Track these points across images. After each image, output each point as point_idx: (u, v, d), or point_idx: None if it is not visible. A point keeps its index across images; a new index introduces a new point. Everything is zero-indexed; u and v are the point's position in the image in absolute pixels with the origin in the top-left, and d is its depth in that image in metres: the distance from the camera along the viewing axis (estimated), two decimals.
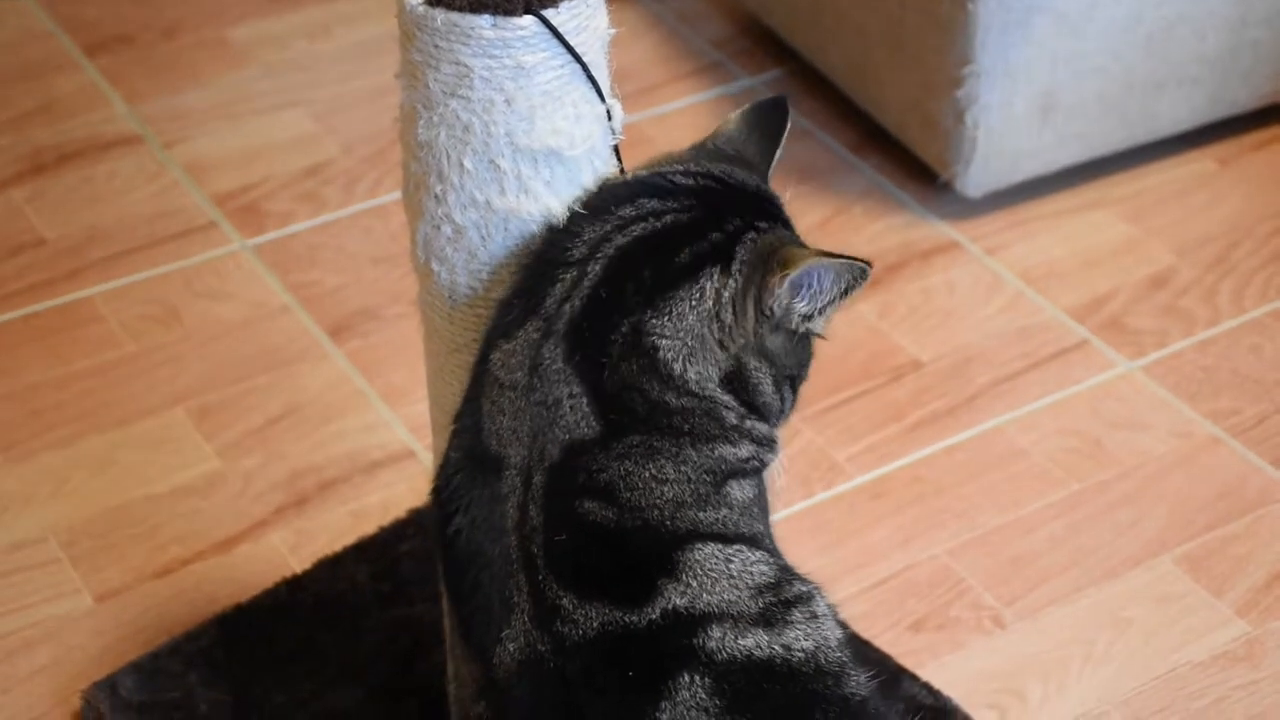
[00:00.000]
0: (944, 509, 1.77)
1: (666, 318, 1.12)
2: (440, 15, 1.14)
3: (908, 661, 1.59)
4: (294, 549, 1.71)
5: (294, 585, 1.65)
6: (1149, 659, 1.63)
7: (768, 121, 1.31)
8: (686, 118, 2.30)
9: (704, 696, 1.05)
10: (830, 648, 1.09)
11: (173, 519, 1.75)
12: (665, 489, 1.11)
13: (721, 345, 1.14)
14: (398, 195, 2.16)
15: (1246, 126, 2.27)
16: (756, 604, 1.09)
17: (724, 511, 1.12)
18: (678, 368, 1.12)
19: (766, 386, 1.16)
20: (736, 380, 1.15)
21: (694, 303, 1.13)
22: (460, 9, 1.14)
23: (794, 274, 1.13)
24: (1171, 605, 1.68)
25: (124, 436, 1.84)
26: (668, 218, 1.16)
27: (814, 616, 1.10)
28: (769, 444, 1.17)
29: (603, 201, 1.17)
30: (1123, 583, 1.70)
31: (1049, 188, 2.17)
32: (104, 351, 1.95)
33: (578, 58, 1.16)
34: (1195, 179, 2.21)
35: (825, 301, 1.16)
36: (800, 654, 1.08)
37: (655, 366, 1.12)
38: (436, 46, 1.15)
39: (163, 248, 2.09)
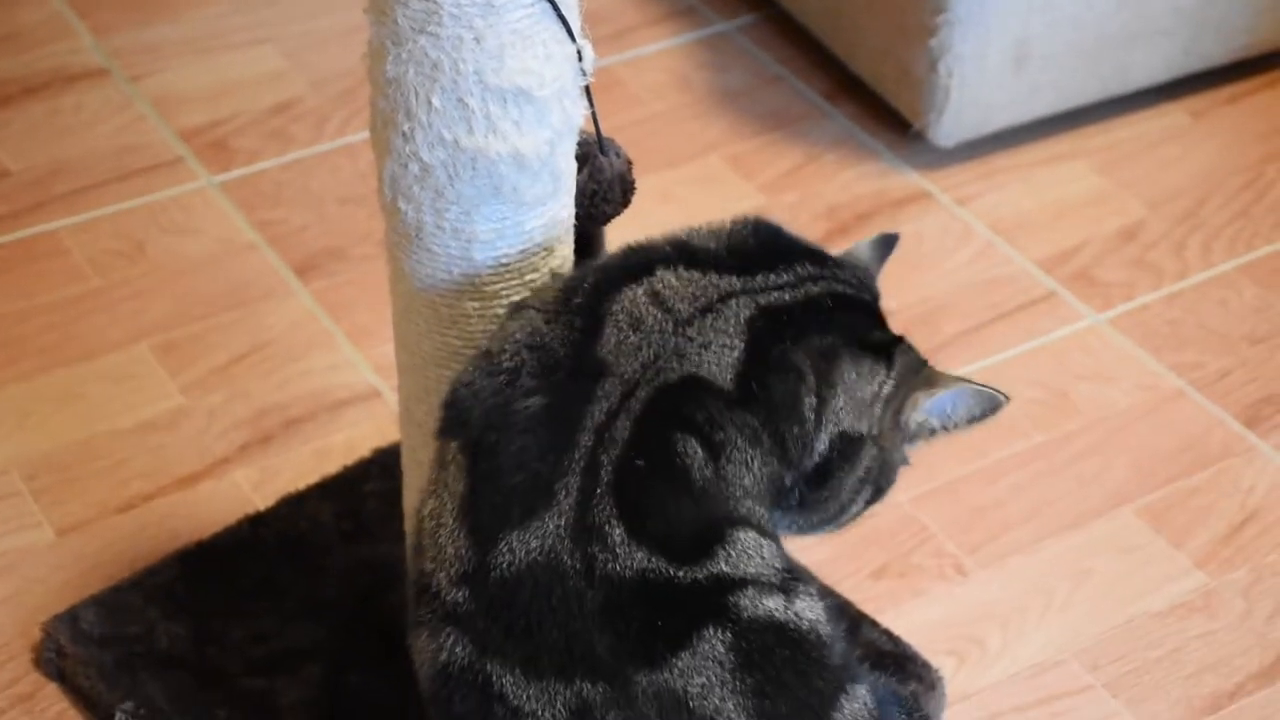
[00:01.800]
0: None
1: (855, 372, 1.17)
2: None
3: (868, 608, 1.60)
4: (257, 486, 1.71)
5: (256, 522, 1.65)
6: (1108, 609, 1.65)
7: (884, 250, 1.33)
8: (659, 61, 2.29)
9: (721, 651, 1.06)
10: (823, 623, 1.11)
11: (136, 454, 1.75)
12: (747, 479, 1.12)
13: (868, 428, 1.19)
14: (367, 135, 2.14)
15: (1219, 80, 2.27)
16: (777, 578, 1.11)
17: (762, 511, 1.14)
18: (832, 411, 1.16)
19: (847, 478, 1.21)
20: (837, 453, 1.19)
21: (870, 380, 1.18)
22: None
23: (939, 395, 1.21)
24: (1131, 556, 1.70)
25: (88, 371, 1.84)
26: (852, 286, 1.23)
27: (813, 595, 1.13)
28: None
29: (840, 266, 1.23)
30: (1084, 533, 1.72)
31: (1021, 138, 2.17)
32: (69, 286, 1.94)
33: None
34: (1167, 132, 2.21)
35: (953, 424, 1.24)
36: (806, 623, 1.10)
37: (826, 396, 1.16)
38: None
39: (129, 182, 2.07)
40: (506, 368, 1.12)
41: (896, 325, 1.32)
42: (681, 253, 1.18)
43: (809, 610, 1.11)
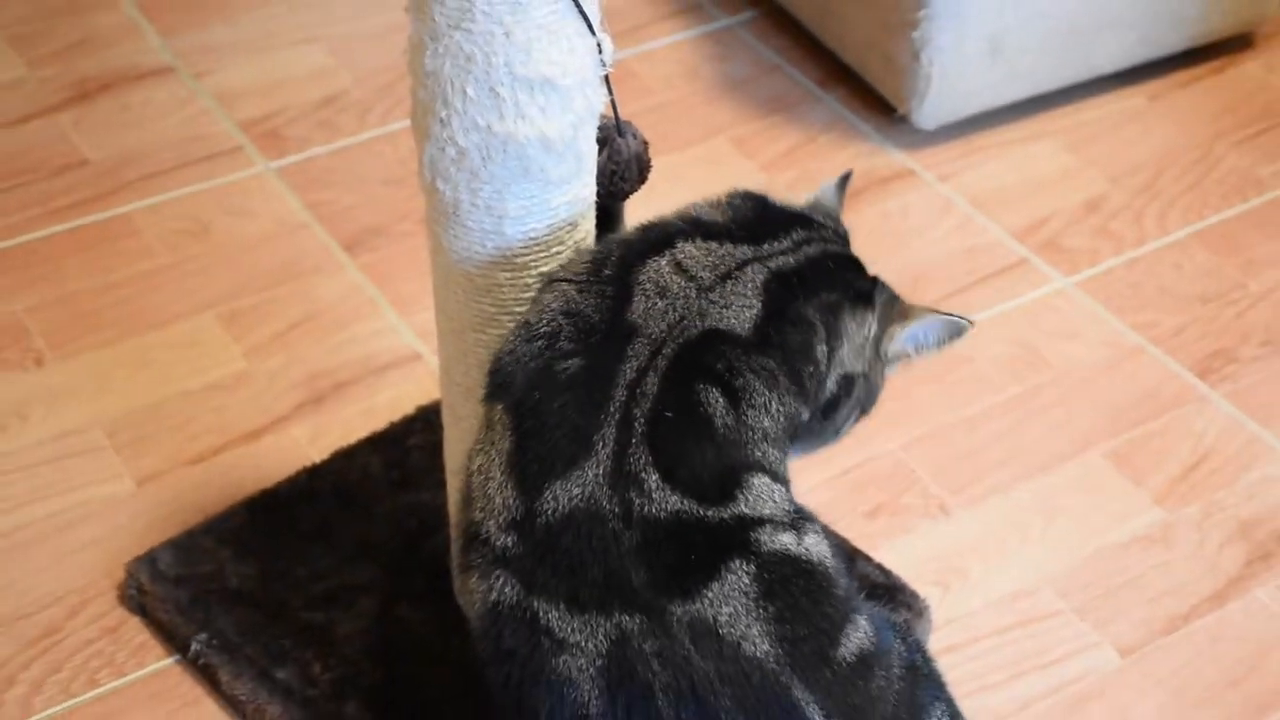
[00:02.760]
0: (898, 409, 1.77)
1: (853, 323, 1.20)
2: None
3: (863, 544, 1.60)
4: (313, 440, 1.71)
5: (313, 473, 1.65)
6: (1076, 542, 1.64)
7: (843, 187, 1.36)
8: (670, 54, 2.28)
9: (746, 582, 1.06)
10: (829, 558, 1.12)
11: (204, 412, 1.75)
12: (766, 421, 1.13)
13: (862, 367, 1.22)
14: (406, 123, 2.15)
15: (1174, 66, 2.26)
16: (788, 517, 1.12)
17: (777, 454, 1.15)
18: (839, 358, 1.19)
19: (845, 408, 1.23)
20: (842, 390, 1.21)
21: (862, 326, 1.21)
22: None
23: (912, 327, 1.23)
24: (1097, 494, 1.69)
25: (160, 338, 1.84)
26: (844, 252, 1.25)
27: (819, 533, 1.13)
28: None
29: (824, 223, 1.25)
30: (1055, 475, 1.71)
31: (996, 120, 2.16)
32: (141, 262, 1.94)
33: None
34: (1127, 113, 2.20)
35: (926, 349, 1.25)
36: (815, 557, 1.10)
37: (835, 346, 1.18)
38: None
39: (194, 168, 2.07)
40: (544, 333, 1.12)
41: None
42: (696, 227, 1.19)
43: (817, 546, 1.12)
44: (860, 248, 1.98)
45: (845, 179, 1.34)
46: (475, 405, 1.33)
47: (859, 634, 1.11)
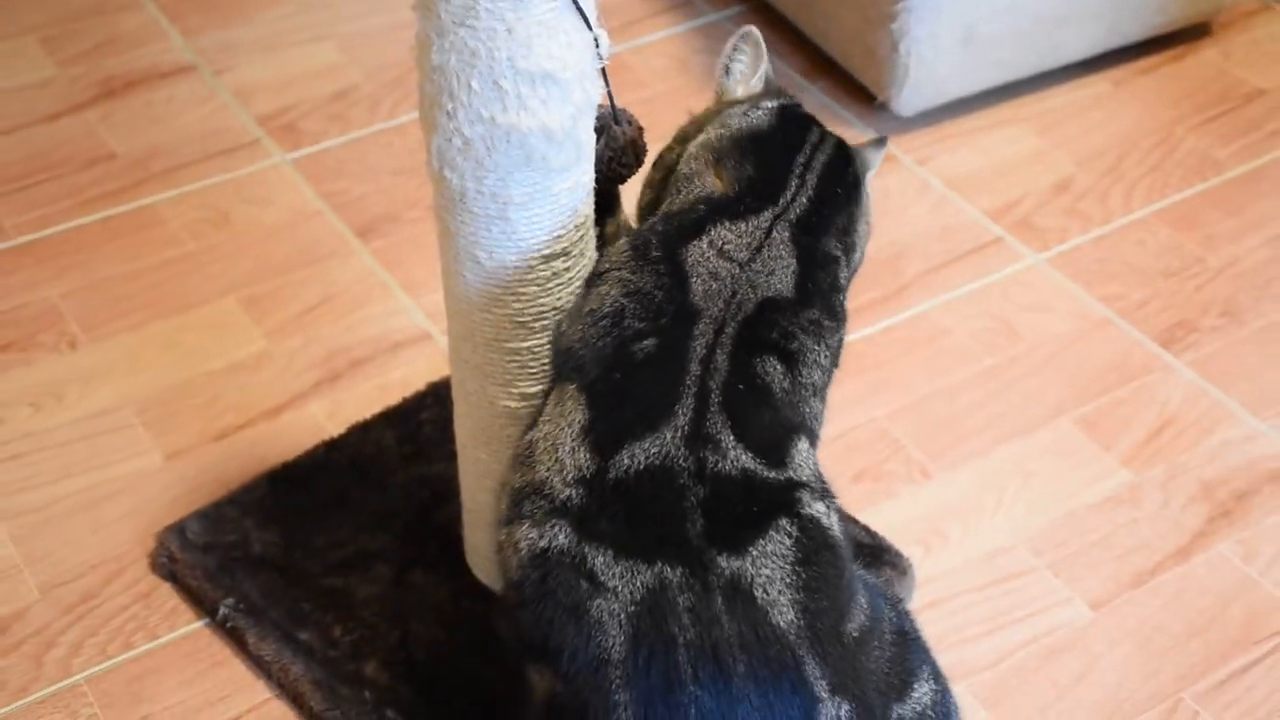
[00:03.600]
0: (882, 380, 1.76)
1: (857, 212, 1.26)
2: None
3: (850, 508, 1.59)
4: (330, 416, 1.70)
5: (331, 447, 1.64)
6: (1050, 503, 1.64)
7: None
8: (661, 48, 2.26)
9: (787, 545, 1.06)
10: (843, 538, 1.12)
11: (228, 391, 1.74)
12: (817, 375, 1.15)
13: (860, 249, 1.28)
14: (414, 116, 2.13)
15: (1136, 54, 2.25)
16: (819, 485, 1.12)
17: (819, 407, 1.17)
18: (853, 268, 1.25)
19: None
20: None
21: (862, 208, 1.28)
22: None
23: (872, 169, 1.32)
24: (1069, 458, 1.69)
25: (186, 321, 1.83)
26: (828, 144, 1.27)
27: (835, 510, 1.12)
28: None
29: (793, 125, 1.27)
30: (1029, 440, 1.70)
31: (969, 107, 2.15)
32: (167, 250, 1.92)
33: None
34: (1093, 99, 2.18)
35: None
36: (836, 532, 1.10)
37: (849, 248, 1.23)
38: None
39: (215, 161, 2.05)
40: (609, 313, 1.14)
41: (866, 269, 1.33)
42: (714, 209, 1.20)
43: (838, 524, 1.11)
44: None
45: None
46: (483, 380, 1.32)
47: (861, 612, 1.10)
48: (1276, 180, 2.06)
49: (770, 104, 1.30)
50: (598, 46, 1.18)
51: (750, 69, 1.34)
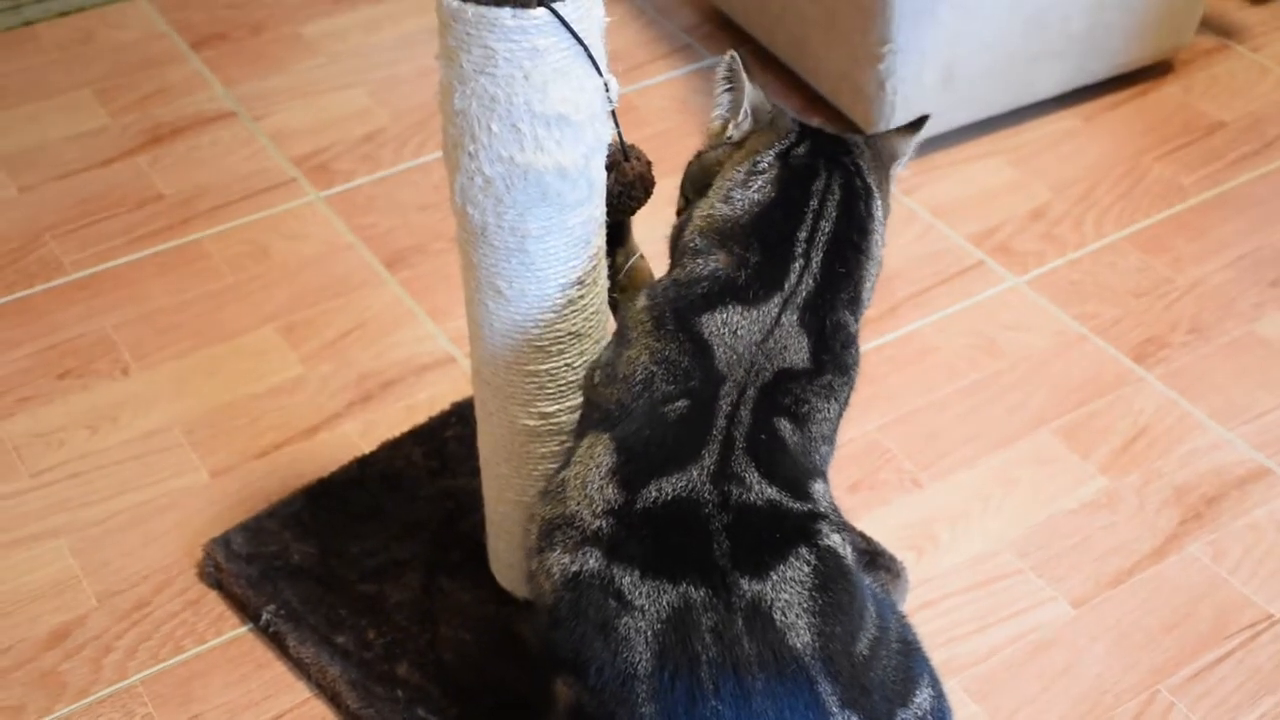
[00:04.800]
0: (875, 395, 1.75)
1: (870, 269, 1.20)
2: (471, 8, 1.10)
3: (846, 516, 1.56)
4: (363, 434, 1.69)
5: (364, 463, 1.63)
6: (1032, 508, 1.62)
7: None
8: (664, 89, 2.25)
9: (806, 572, 1.04)
10: (857, 563, 1.10)
11: (268, 412, 1.73)
12: (825, 428, 1.14)
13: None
14: (438, 155, 2.13)
15: (1104, 91, 2.24)
16: (837, 518, 1.11)
17: (827, 450, 1.15)
18: (866, 299, 1.21)
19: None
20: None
21: (873, 255, 1.21)
22: (487, 4, 1.10)
23: (901, 159, 1.30)
24: (1049, 466, 1.67)
25: (229, 348, 1.82)
26: (833, 197, 1.19)
27: (849, 542, 1.11)
28: None
29: (795, 188, 1.18)
30: (1012, 450, 1.69)
31: (951, 141, 2.14)
32: (211, 282, 1.92)
33: (579, 40, 1.12)
34: (1065, 133, 2.17)
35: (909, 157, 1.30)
36: (850, 562, 1.08)
37: (857, 306, 1.19)
38: (468, 34, 1.11)
39: (254, 199, 2.05)
40: (641, 379, 1.12)
41: None
42: (723, 290, 1.15)
43: (851, 553, 1.09)
44: None
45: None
46: (503, 400, 1.31)
47: (871, 626, 1.09)
48: (1238, 205, 2.05)
49: (768, 158, 1.20)
50: (608, 90, 1.17)
51: (735, 99, 1.28)
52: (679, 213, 1.26)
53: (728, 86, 1.26)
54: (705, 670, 1.00)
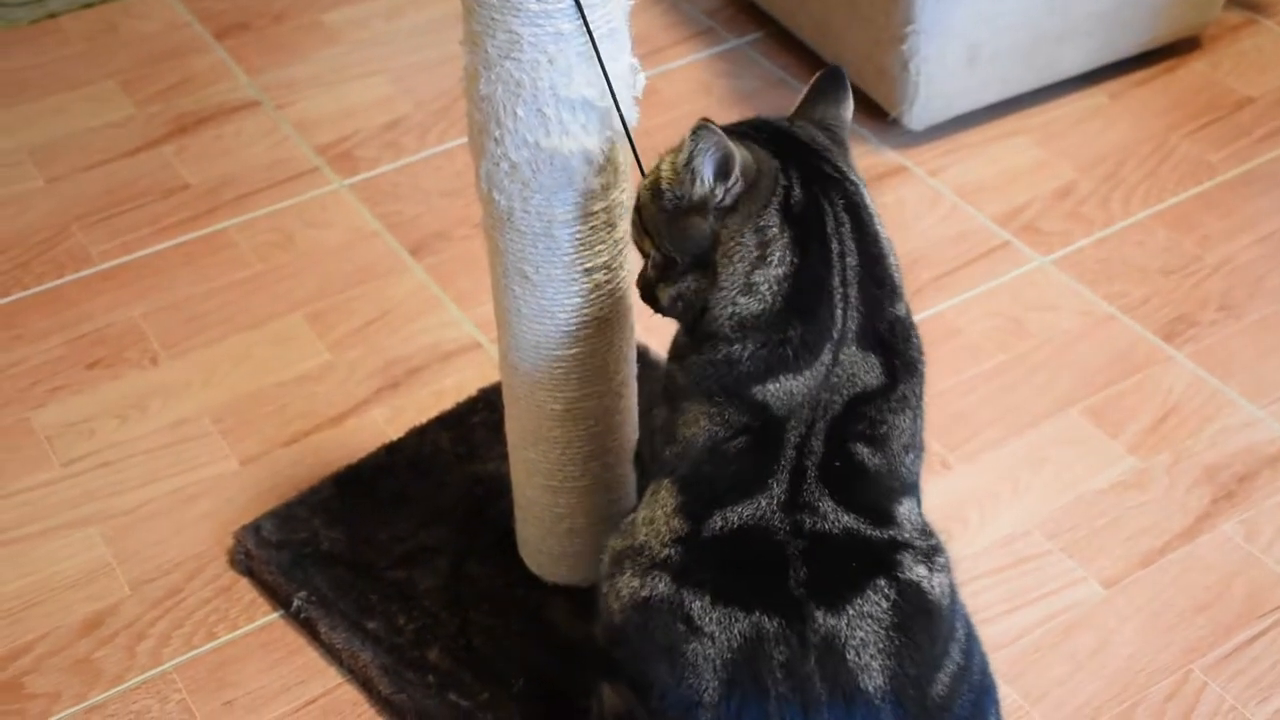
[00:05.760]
0: None
1: (890, 255, 1.11)
2: None
3: None
4: (390, 421, 1.70)
5: (391, 449, 1.63)
6: (1061, 489, 1.61)
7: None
8: (687, 73, 2.24)
9: (884, 608, 1.00)
10: (946, 597, 1.05)
11: (296, 400, 1.73)
12: (906, 437, 1.07)
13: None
14: (461, 141, 2.13)
15: (1130, 68, 2.21)
16: (924, 543, 1.05)
17: (913, 457, 1.09)
18: (900, 282, 1.12)
19: None
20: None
21: (883, 234, 1.13)
22: None
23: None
24: (1079, 447, 1.66)
25: (256, 336, 1.82)
26: (845, 228, 1.09)
27: (942, 569, 1.06)
28: None
29: (814, 243, 1.07)
30: (1040, 431, 1.68)
31: (976, 120, 2.12)
32: (237, 271, 1.92)
33: (588, 28, 1.10)
34: (1091, 111, 2.16)
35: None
36: (936, 595, 1.03)
37: (897, 293, 1.10)
38: (493, 19, 1.11)
39: (279, 188, 2.05)
40: (705, 440, 1.06)
41: None
42: (770, 367, 1.05)
43: (941, 584, 1.04)
44: None
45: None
46: (531, 386, 1.31)
47: (953, 662, 1.04)
48: (1267, 182, 2.03)
49: (773, 222, 1.06)
50: (635, 75, 1.17)
51: (719, 163, 1.07)
52: (645, 255, 1.14)
53: (711, 153, 1.06)
54: (773, 705, 0.97)
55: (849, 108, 1.17)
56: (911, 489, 1.09)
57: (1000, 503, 1.60)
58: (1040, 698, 1.41)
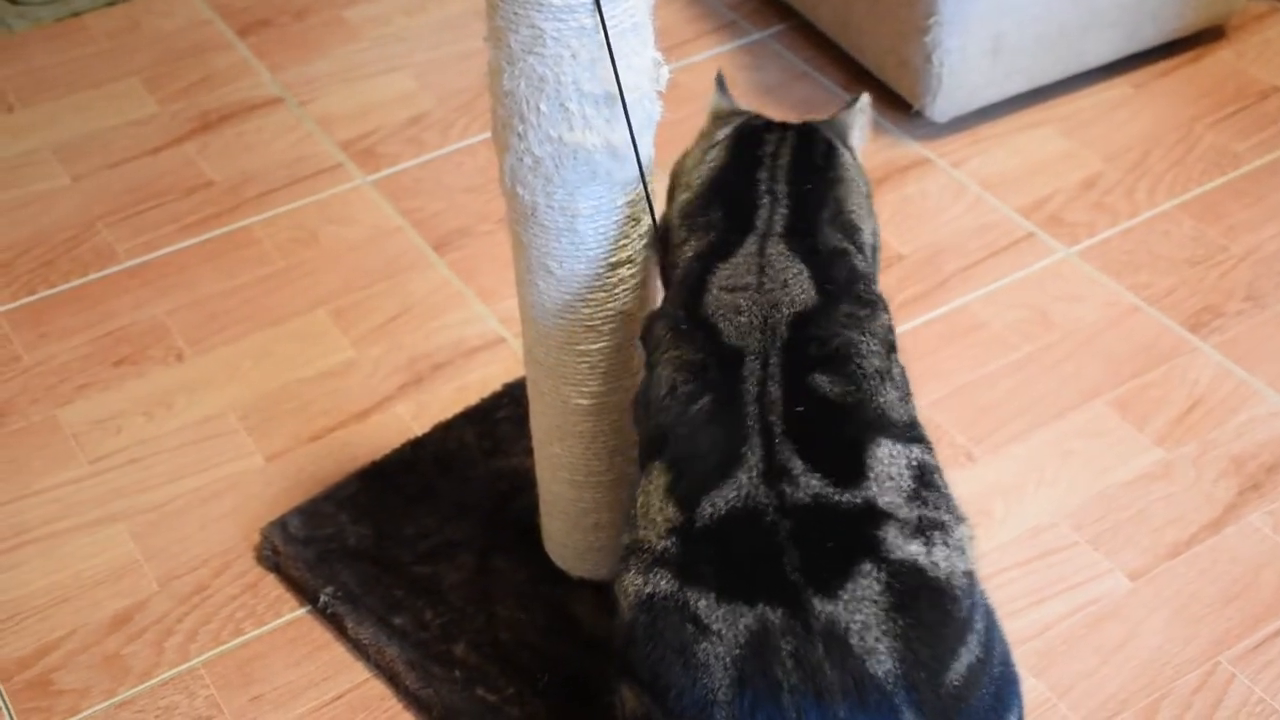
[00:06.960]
0: (925, 370, 1.74)
1: (848, 190, 1.16)
2: None
3: None
4: (415, 417, 1.70)
5: (416, 445, 1.64)
6: (1087, 481, 1.61)
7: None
8: (710, 66, 2.24)
9: (877, 590, 0.96)
10: (959, 573, 0.99)
11: (320, 396, 1.74)
12: (874, 359, 1.04)
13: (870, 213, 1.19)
14: (484, 137, 2.13)
15: (1155, 58, 2.20)
16: (912, 513, 1.00)
17: (894, 393, 1.05)
18: (861, 228, 1.15)
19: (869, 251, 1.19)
20: (870, 248, 1.18)
21: (850, 186, 1.18)
22: None
23: (856, 127, 1.27)
24: (1104, 438, 1.66)
25: (280, 333, 1.83)
26: (787, 143, 1.21)
27: (949, 546, 1.01)
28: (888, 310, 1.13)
29: (747, 144, 1.21)
30: (1066, 422, 1.67)
31: (1000, 112, 2.12)
32: (261, 267, 1.93)
33: (602, 21, 1.10)
34: (1116, 101, 2.15)
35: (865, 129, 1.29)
36: (943, 572, 0.99)
37: (851, 230, 1.13)
38: (516, 14, 1.11)
39: (302, 184, 2.06)
40: (666, 391, 1.08)
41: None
42: (707, 260, 1.14)
43: (945, 559, 0.99)
44: (885, 229, 1.96)
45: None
46: (556, 380, 1.32)
47: (969, 653, 0.99)
48: None
49: (723, 133, 1.24)
50: (658, 68, 1.17)
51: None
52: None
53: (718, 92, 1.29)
54: (787, 698, 0.95)
55: (858, 119, 1.27)
56: (894, 429, 1.02)
57: (1026, 495, 1.60)
58: (1067, 690, 1.41)
